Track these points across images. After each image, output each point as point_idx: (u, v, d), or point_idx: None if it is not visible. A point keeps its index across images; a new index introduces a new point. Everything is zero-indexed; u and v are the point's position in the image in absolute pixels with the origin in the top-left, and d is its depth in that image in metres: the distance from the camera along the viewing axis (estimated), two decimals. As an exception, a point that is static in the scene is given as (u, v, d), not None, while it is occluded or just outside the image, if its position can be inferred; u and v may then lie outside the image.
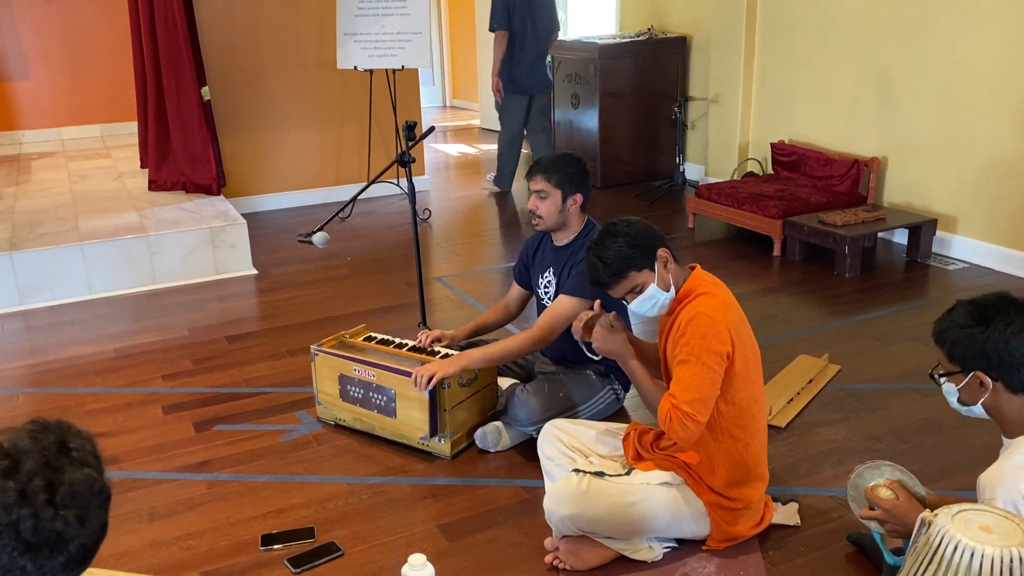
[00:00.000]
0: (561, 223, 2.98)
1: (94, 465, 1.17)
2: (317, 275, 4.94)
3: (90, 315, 4.43)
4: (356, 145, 6.59)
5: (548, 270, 3.09)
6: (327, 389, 3.12)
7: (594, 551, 2.33)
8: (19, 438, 1.15)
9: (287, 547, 2.48)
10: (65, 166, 6.66)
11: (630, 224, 2.31)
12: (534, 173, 2.95)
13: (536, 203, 2.95)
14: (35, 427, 1.19)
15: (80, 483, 1.12)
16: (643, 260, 2.27)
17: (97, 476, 1.16)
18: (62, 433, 1.18)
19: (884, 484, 1.95)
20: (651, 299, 2.30)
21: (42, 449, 1.13)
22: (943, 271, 4.65)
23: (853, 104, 5.32)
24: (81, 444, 1.18)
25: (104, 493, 1.17)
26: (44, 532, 1.09)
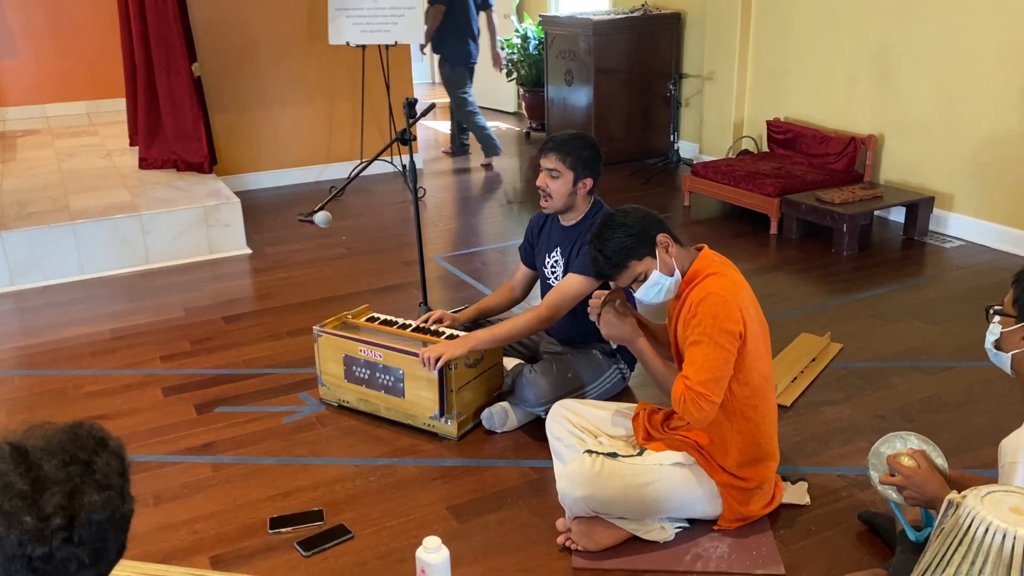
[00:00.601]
0: (569, 205, 2.94)
1: (117, 486, 1.12)
2: (312, 254, 4.90)
3: (83, 296, 4.37)
4: (348, 122, 6.52)
5: (555, 250, 3.06)
6: (331, 370, 3.09)
7: (607, 532, 2.32)
8: (50, 453, 1.09)
9: (296, 530, 2.46)
10: (51, 144, 6.56)
11: (627, 214, 2.29)
12: (548, 151, 2.90)
13: (546, 181, 2.90)
14: (67, 438, 1.12)
15: (100, 511, 1.08)
16: (643, 248, 2.25)
17: (119, 501, 1.11)
18: (92, 448, 1.12)
19: (907, 453, 1.96)
20: (656, 285, 2.28)
21: (67, 477, 1.08)
22: (940, 249, 4.67)
23: (850, 81, 5.31)
24: (107, 463, 1.12)
25: (125, 518, 1.13)
26: (57, 565, 1.06)
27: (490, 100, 9.66)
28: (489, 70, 8.80)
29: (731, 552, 2.30)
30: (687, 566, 2.26)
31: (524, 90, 8.19)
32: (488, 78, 9.44)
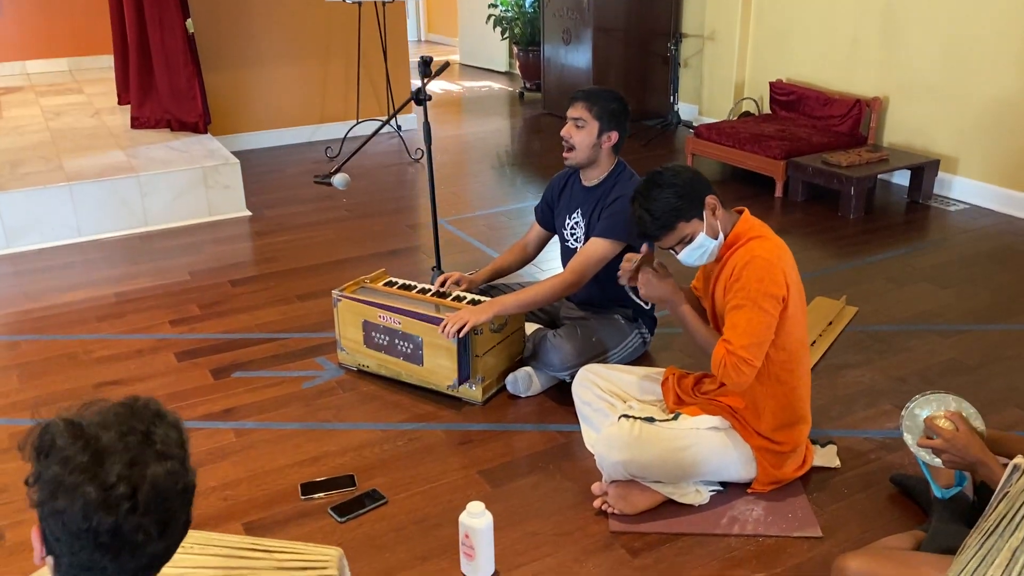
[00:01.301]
0: (592, 159, 2.91)
1: (178, 456, 1.09)
2: (314, 217, 4.82)
3: (82, 258, 4.28)
4: (342, 81, 6.40)
5: (576, 211, 3.03)
6: (350, 335, 3.05)
7: (643, 495, 2.33)
8: (105, 426, 1.06)
9: (328, 496, 2.44)
10: (36, 102, 6.38)
11: (676, 173, 2.25)
12: (575, 99, 2.85)
13: (571, 131, 2.86)
14: (123, 412, 1.10)
15: (163, 481, 1.05)
16: (691, 210, 2.23)
17: (181, 471, 1.09)
18: (149, 420, 1.09)
19: (944, 415, 1.96)
20: (700, 248, 2.26)
21: (126, 448, 1.05)
22: (944, 212, 4.69)
23: (854, 42, 5.27)
24: (166, 433, 1.09)
25: (188, 490, 1.10)
26: (125, 538, 1.03)
27: (480, 59, 9.54)
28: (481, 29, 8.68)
29: (767, 515, 2.32)
30: (724, 529, 2.28)
31: (518, 49, 8.08)
32: (478, 36, 9.32)
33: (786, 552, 2.19)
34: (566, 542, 2.24)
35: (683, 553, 2.20)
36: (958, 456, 1.93)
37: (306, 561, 1.64)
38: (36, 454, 1.05)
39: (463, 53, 9.79)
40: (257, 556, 1.63)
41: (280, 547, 1.68)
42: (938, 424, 1.96)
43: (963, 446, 1.92)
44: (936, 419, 1.97)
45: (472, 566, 2.11)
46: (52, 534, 1.04)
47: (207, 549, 1.61)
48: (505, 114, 7.48)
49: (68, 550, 1.04)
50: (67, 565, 1.05)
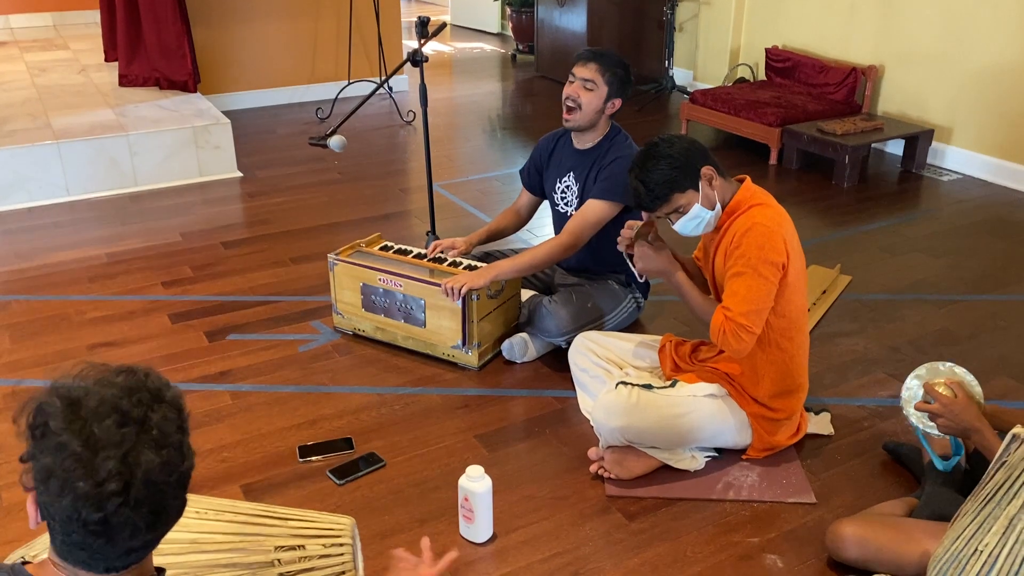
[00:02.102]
0: (593, 123, 2.88)
1: (175, 443, 1.05)
2: (306, 179, 4.78)
3: (71, 218, 4.23)
4: (333, 41, 6.30)
5: (568, 174, 3.01)
6: (347, 299, 3.04)
7: (639, 460, 2.35)
8: (101, 414, 1.01)
9: (327, 459, 2.45)
10: (21, 57, 6.26)
11: (671, 144, 2.23)
12: (587, 59, 2.80)
13: (579, 91, 2.81)
14: (121, 393, 1.04)
15: (157, 474, 1.02)
16: (687, 181, 2.22)
17: (178, 459, 1.05)
18: (148, 403, 1.05)
19: (944, 382, 1.99)
20: (696, 219, 2.26)
21: (122, 440, 1.00)
22: (937, 182, 4.70)
23: (852, 9, 5.23)
24: (164, 417, 1.05)
25: (184, 476, 1.07)
26: (115, 528, 1.02)
27: (471, 20, 9.42)
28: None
29: (761, 481, 2.34)
30: (719, 494, 2.30)
31: (511, 10, 7.98)
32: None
33: (780, 517, 2.22)
34: (563, 506, 2.27)
35: (679, 518, 2.23)
36: (953, 422, 1.95)
37: (320, 529, 1.65)
38: (30, 433, 1.03)
39: (454, 13, 9.67)
40: (272, 523, 1.64)
41: (294, 515, 1.69)
42: (937, 390, 1.98)
43: (959, 411, 1.94)
44: (936, 385, 1.99)
45: (471, 529, 2.13)
46: (46, 510, 1.03)
47: (221, 516, 1.62)
48: (497, 76, 7.41)
49: (61, 530, 1.02)
50: (60, 541, 1.04)
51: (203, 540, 1.63)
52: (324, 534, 1.71)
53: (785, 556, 2.09)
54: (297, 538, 1.69)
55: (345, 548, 1.72)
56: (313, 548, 1.70)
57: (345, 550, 1.72)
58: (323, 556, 1.70)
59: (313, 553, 1.69)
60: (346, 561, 1.71)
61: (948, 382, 2.01)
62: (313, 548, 1.70)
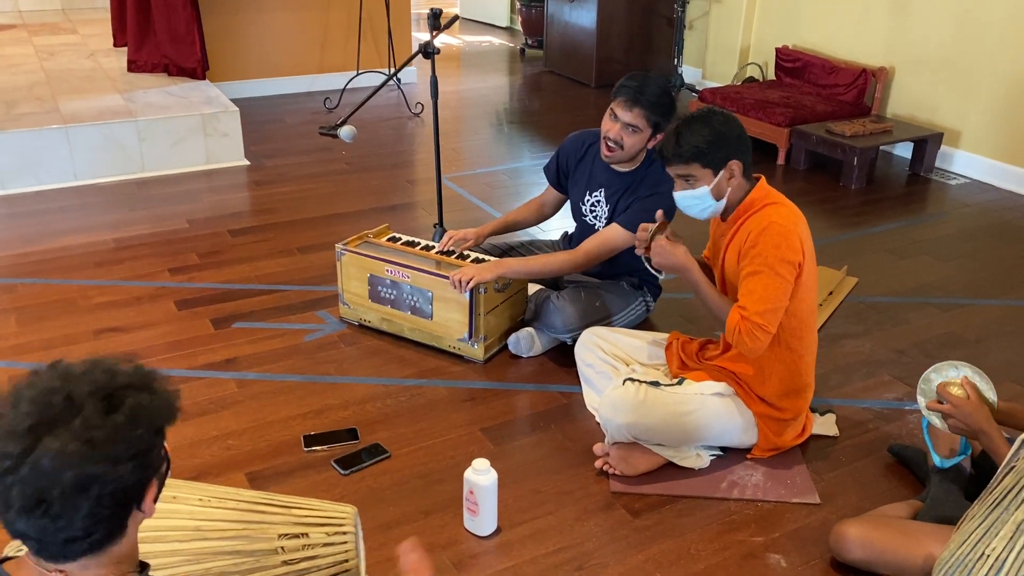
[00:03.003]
0: (635, 157, 2.81)
1: (93, 443, 1.02)
2: (313, 169, 4.78)
3: (78, 203, 4.23)
4: (342, 31, 6.29)
5: (599, 190, 2.91)
6: (354, 289, 3.04)
7: (644, 457, 2.35)
8: (34, 395, 1.03)
9: (331, 448, 2.45)
10: (29, 40, 6.25)
11: (725, 121, 2.21)
12: (632, 102, 2.65)
13: (621, 134, 2.69)
14: (65, 380, 1.05)
15: (50, 458, 1.00)
16: (713, 161, 2.21)
17: (83, 461, 1.01)
18: (93, 397, 1.04)
19: (958, 382, 1.99)
20: (698, 200, 2.25)
21: (36, 418, 1.02)
22: (945, 186, 4.69)
23: (864, 11, 5.22)
24: (98, 414, 1.03)
25: (86, 481, 1.01)
26: (9, 501, 1.02)
27: (480, 13, 9.40)
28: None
29: (766, 480, 2.34)
30: (723, 493, 2.30)
31: (521, 4, 7.96)
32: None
33: (784, 517, 2.23)
34: (567, 501, 2.27)
35: (683, 515, 2.23)
36: (964, 423, 1.96)
37: (323, 518, 1.66)
38: None
39: (464, 6, 9.64)
40: (274, 511, 1.64)
41: (297, 503, 1.69)
42: (949, 391, 1.98)
43: (969, 413, 1.94)
44: (949, 385, 1.99)
45: (475, 522, 2.13)
46: None
47: (224, 503, 1.62)
48: (505, 71, 7.40)
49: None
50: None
51: (206, 527, 1.63)
52: (327, 522, 1.72)
53: (789, 556, 2.10)
54: (300, 526, 1.69)
55: (348, 537, 1.72)
56: (316, 536, 1.70)
57: (348, 539, 1.72)
58: (326, 544, 1.71)
59: (316, 541, 1.70)
60: (349, 550, 1.72)
61: (962, 382, 2.01)
62: (316, 536, 1.70)
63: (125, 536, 1.09)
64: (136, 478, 1.05)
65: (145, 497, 1.09)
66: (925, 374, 2.06)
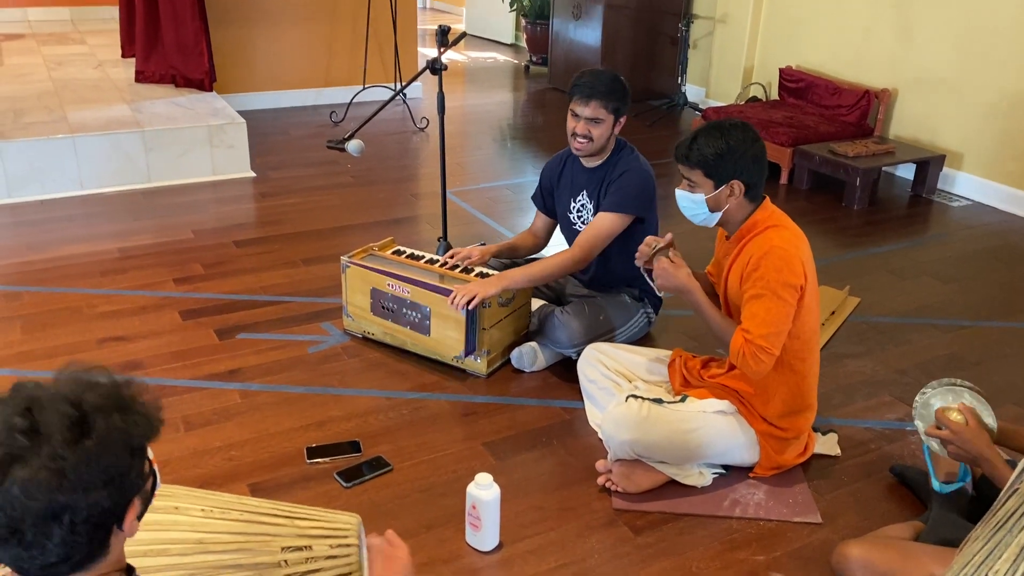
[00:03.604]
0: (604, 147, 2.90)
1: (61, 471, 1.00)
2: (318, 181, 4.80)
3: (83, 212, 4.25)
4: (348, 45, 6.34)
5: (580, 193, 3.01)
6: (357, 302, 3.05)
7: (647, 475, 2.35)
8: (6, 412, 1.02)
9: (334, 461, 2.45)
10: (38, 50, 6.29)
11: (743, 140, 2.21)
12: (587, 98, 2.79)
13: (588, 128, 2.82)
14: (29, 402, 1.03)
15: (19, 486, 0.98)
16: (716, 173, 2.23)
17: (49, 489, 0.99)
18: (54, 418, 1.02)
19: (957, 408, 1.99)
20: (694, 205, 2.28)
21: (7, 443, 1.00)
22: (947, 208, 4.71)
23: (867, 33, 5.26)
24: (66, 442, 1.00)
25: (55, 510, 1.00)
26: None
27: (485, 30, 9.47)
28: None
29: (768, 499, 2.35)
30: (726, 511, 2.30)
31: (526, 22, 8.02)
32: (485, 7, 9.23)
33: (786, 536, 2.23)
34: (569, 517, 2.27)
35: (685, 533, 2.23)
36: (963, 449, 1.96)
37: (327, 529, 1.66)
38: None
39: (469, 23, 9.71)
40: (278, 523, 1.64)
41: (301, 513, 1.69)
42: (948, 416, 1.98)
43: (969, 439, 1.95)
44: (948, 411, 1.99)
45: (477, 537, 2.13)
46: None
47: (228, 514, 1.62)
48: (509, 87, 7.44)
49: None
50: None
51: (209, 540, 1.63)
52: (331, 534, 1.72)
53: (790, 575, 2.09)
54: (304, 538, 1.69)
55: (351, 549, 1.72)
56: (320, 549, 1.70)
57: (351, 551, 1.72)
58: (329, 557, 1.71)
59: (320, 554, 1.70)
60: (352, 562, 1.72)
61: (961, 408, 2.01)
62: (320, 549, 1.70)
63: (108, 555, 1.08)
64: (112, 502, 1.03)
65: (126, 517, 1.07)
66: (923, 398, 2.06)
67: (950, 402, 2.03)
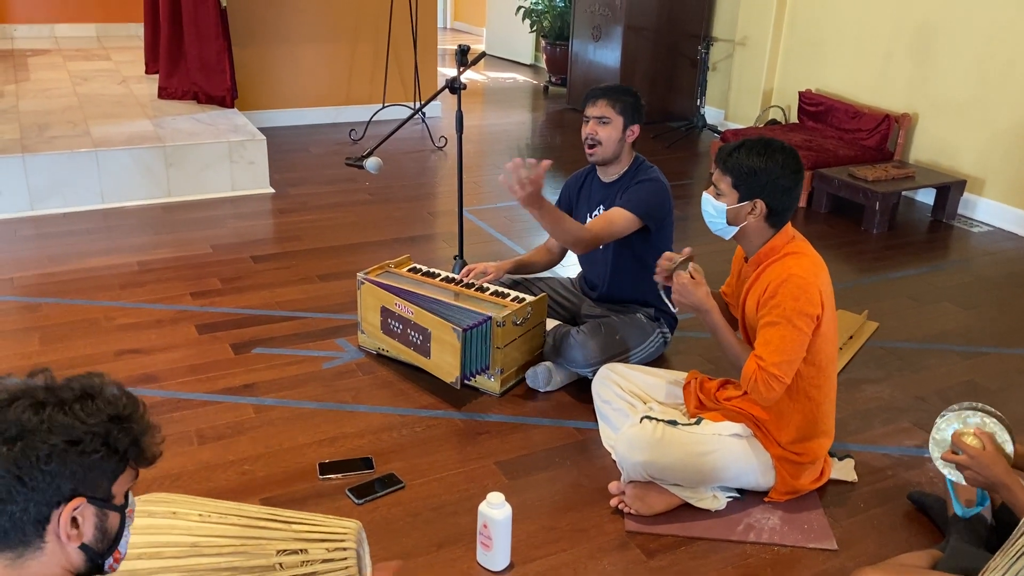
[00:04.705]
0: (617, 153, 2.92)
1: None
2: (336, 198, 4.83)
3: (104, 225, 4.29)
4: (369, 64, 6.39)
5: (598, 207, 3.03)
6: (371, 319, 3.06)
7: (660, 497, 2.33)
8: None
9: (346, 477, 2.45)
10: (64, 66, 6.39)
11: (785, 164, 2.19)
12: (596, 98, 2.89)
13: (595, 128, 2.88)
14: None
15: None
16: (744, 186, 2.22)
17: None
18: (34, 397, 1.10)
19: (973, 432, 1.96)
20: (714, 212, 2.28)
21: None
22: (968, 233, 4.67)
23: (887, 57, 5.25)
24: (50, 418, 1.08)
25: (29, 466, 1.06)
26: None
27: (506, 50, 9.53)
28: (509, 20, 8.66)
29: (783, 524, 2.32)
30: (740, 536, 2.28)
31: (546, 43, 8.06)
32: (505, 28, 9.30)
33: (801, 563, 2.20)
34: (582, 539, 2.25)
35: (698, 557, 2.20)
36: (981, 474, 1.93)
37: (324, 533, 1.65)
38: None
39: (489, 44, 9.77)
40: (275, 527, 1.64)
41: (298, 518, 1.69)
42: (964, 441, 1.95)
43: (986, 465, 1.91)
44: (964, 435, 1.96)
45: (488, 556, 2.12)
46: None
47: (225, 519, 1.62)
48: (528, 107, 7.47)
49: None
50: None
51: (204, 544, 1.63)
52: (328, 538, 1.71)
53: (805, 602, 2.07)
54: (300, 542, 1.68)
55: (349, 553, 1.71)
56: (316, 552, 1.69)
57: (349, 555, 1.71)
58: (326, 560, 1.70)
59: (316, 557, 1.69)
60: (350, 566, 1.70)
61: (977, 432, 1.98)
62: (316, 552, 1.69)
63: (43, 555, 1.09)
64: (65, 467, 1.06)
65: (53, 513, 1.08)
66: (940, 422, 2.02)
67: (966, 426, 2.00)
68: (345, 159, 3.46)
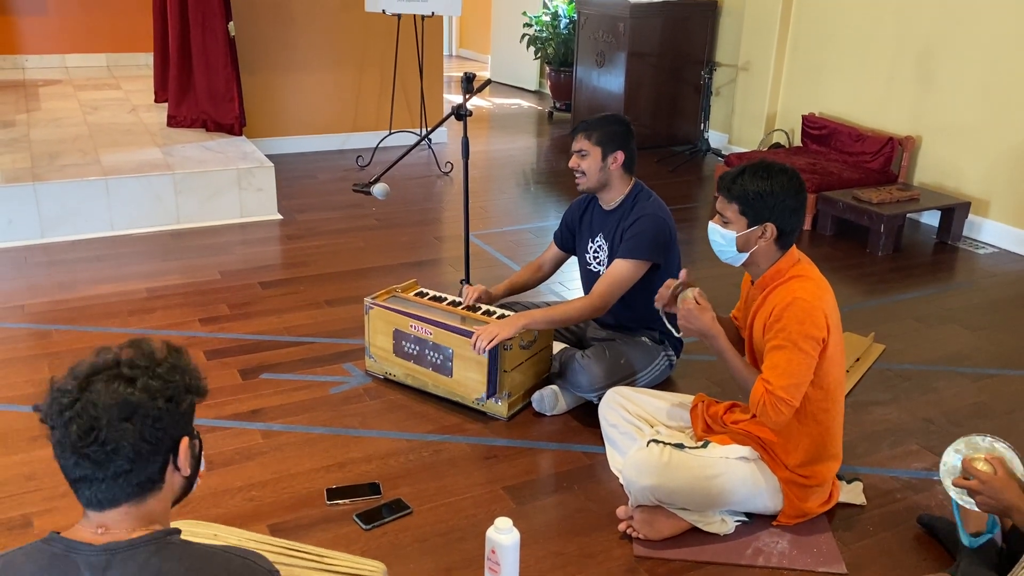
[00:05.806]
0: (603, 181, 2.95)
1: (137, 387, 1.22)
2: (344, 224, 4.86)
3: (113, 252, 4.33)
4: (375, 91, 6.45)
5: (598, 235, 3.05)
6: (380, 343, 3.07)
7: (668, 521, 2.32)
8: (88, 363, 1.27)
9: (354, 502, 2.45)
10: (74, 95, 6.46)
11: (789, 186, 2.21)
12: (575, 133, 2.96)
13: (577, 161, 2.94)
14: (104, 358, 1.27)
15: (101, 396, 1.20)
16: (752, 212, 2.23)
17: (129, 397, 1.21)
18: (135, 364, 1.25)
19: (984, 458, 1.95)
20: (723, 240, 2.29)
21: (88, 374, 1.24)
22: (973, 255, 4.67)
23: (890, 80, 5.28)
24: (134, 365, 1.24)
25: (128, 407, 1.20)
26: (62, 441, 1.20)
27: (511, 77, 9.60)
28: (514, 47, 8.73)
29: (792, 548, 2.31)
30: (748, 560, 2.27)
31: (550, 69, 8.13)
32: (510, 54, 9.39)
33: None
34: (590, 564, 2.24)
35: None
36: (993, 500, 1.92)
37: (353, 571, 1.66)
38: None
39: (494, 70, 9.86)
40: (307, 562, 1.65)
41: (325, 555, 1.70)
42: (975, 466, 1.95)
43: (998, 489, 1.91)
44: (975, 460, 1.96)
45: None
46: None
47: (262, 545, 1.63)
48: (533, 132, 7.53)
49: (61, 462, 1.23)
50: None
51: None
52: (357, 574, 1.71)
53: (815, 627, 2.05)
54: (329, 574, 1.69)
55: (375, 591, 1.71)
56: None
57: (375, 593, 1.71)
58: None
59: None
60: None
61: (988, 458, 1.97)
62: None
63: (162, 491, 1.27)
64: (171, 420, 1.24)
65: (179, 450, 1.27)
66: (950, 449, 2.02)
67: (978, 451, 1.99)
68: (352, 185, 3.49)
